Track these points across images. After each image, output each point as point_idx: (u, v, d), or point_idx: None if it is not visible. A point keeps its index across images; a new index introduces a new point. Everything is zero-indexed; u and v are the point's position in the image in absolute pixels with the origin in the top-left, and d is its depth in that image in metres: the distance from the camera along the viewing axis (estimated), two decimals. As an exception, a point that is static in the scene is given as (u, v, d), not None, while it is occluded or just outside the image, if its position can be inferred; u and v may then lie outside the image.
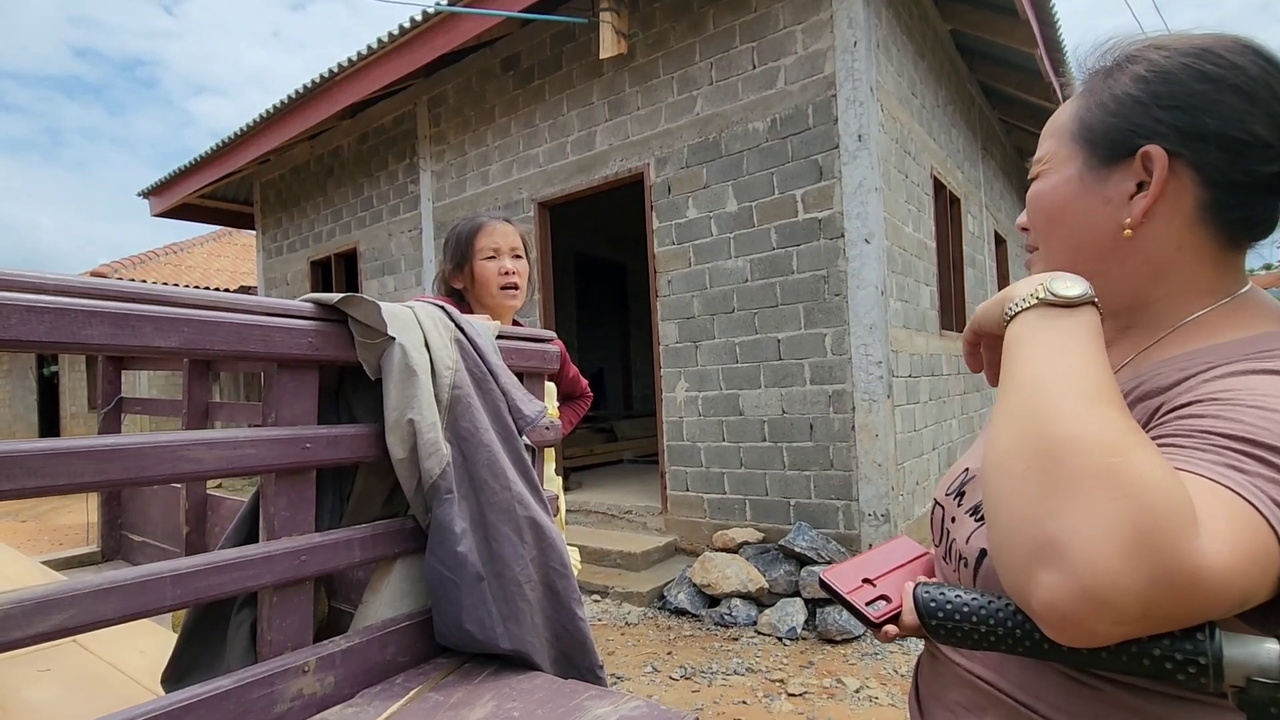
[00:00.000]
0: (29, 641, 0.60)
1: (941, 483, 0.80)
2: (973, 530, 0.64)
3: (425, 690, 0.84)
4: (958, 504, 0.71)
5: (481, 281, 1.71)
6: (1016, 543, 0.45)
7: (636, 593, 4.00)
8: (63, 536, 6.84)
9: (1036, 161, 0.68)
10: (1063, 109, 0.68)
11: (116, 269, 11.82)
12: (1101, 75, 0.65)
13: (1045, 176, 0.66)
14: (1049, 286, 0.53)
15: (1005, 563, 0.46)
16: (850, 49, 3.93)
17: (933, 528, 0.78)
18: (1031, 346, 0.52)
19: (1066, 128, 0.66)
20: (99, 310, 0.64)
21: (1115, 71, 0.64)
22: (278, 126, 6.80)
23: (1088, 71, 0.68)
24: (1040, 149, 0.68)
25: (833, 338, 4.02)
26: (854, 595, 0.69)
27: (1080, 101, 0.66)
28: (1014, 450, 0.48)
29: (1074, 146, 0.64)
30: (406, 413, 0.87)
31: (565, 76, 5.29)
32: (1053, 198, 0.66)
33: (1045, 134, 0.69)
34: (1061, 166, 0.65)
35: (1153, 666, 0.44)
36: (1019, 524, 0.45)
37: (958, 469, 0.78)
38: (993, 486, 0.49)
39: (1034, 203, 0.67)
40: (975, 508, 0.67)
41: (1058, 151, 0.66)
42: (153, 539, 1.65)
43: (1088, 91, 0.65)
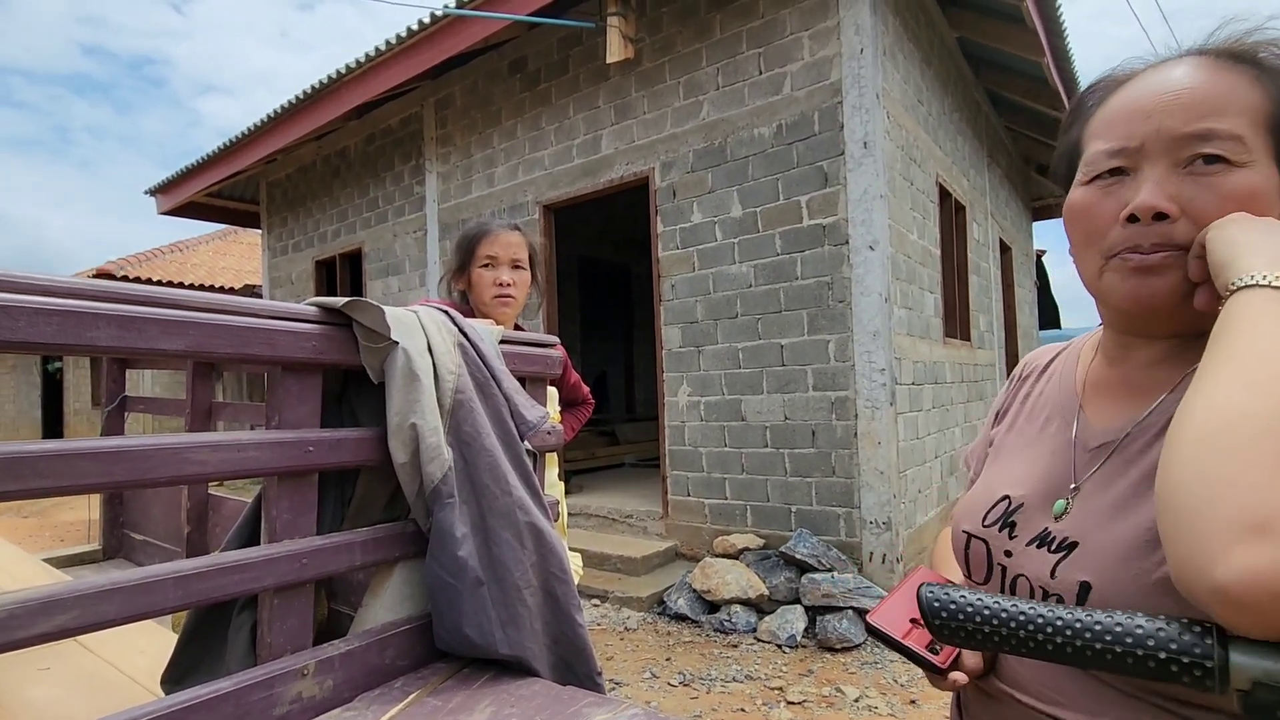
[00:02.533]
0: (33, 641, 0.60)
1: (968, 512, 0.74)
2: (1056, 563, 0.60)
3: (424, 695, 0.84)
4: (1009, 537, 0.67)
5: (476, 288, 1.73)
6: (1224, 507, 0.41)
7: (636, 597, 4.00)
8: (64, 533, 6.86)
9: (1233, 140, 0.54)
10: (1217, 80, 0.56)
11: (122, 266, 11.86)
12: (1269, 58, 0.57)
13: (1253, 169, 0.55)
14: None
15: (1198, 525, 0.42)
16: (857, 56, 3.94)
17: (966, 561, 0.73)
18: (1272, 320, 0.46)
19: (1261, 115, 0.55)
20: (106, 313, 0.64)
21: (1268, 58, 0.57)
22: (285, 126, 6.82)
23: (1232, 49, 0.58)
24: (1224, 122, 0.55)
25: (836, 344, 4.02)
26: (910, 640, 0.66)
27: (1263, 88, 0.56)
28: (1249, 415, 0.43)
29: (1268, 144, 0.55)
30: (409, 417, 0.87)
31: (572, 80, 5.31)
32: (1263, 200, 0.55)
33: (1212, 102, 0.55)
34: (1266, 163, 0.55)
35: (1159, 669, 0.44)
36: (1234, 489, 0.41)
37: (989, 496, 0.72)
38: (1209, 444, 0.43)
39: (1245, 196, 0.54)
40: (1043, 539, 0.63)
41: (1254, 139, 0.55)
42: (154, 538, 1.65)
43: (1261, 76, 0.56)
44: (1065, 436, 0.69)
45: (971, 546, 0.72)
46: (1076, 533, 0.61)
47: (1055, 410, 0.73)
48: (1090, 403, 0.69)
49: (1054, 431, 0.71)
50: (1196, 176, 0.55)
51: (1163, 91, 0.58)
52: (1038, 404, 0.77)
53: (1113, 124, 0.60)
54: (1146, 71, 0.61)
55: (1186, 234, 0.56)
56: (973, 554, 0.72)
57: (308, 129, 6.61)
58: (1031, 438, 0.74)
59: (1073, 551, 0.60)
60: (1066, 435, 0.69)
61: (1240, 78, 0.56)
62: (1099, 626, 0.46)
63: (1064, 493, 0.65)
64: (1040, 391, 0.78)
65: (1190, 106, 0.56)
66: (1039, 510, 0.66)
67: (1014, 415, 0.80)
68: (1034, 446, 0.73)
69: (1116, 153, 0.59)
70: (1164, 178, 0.56)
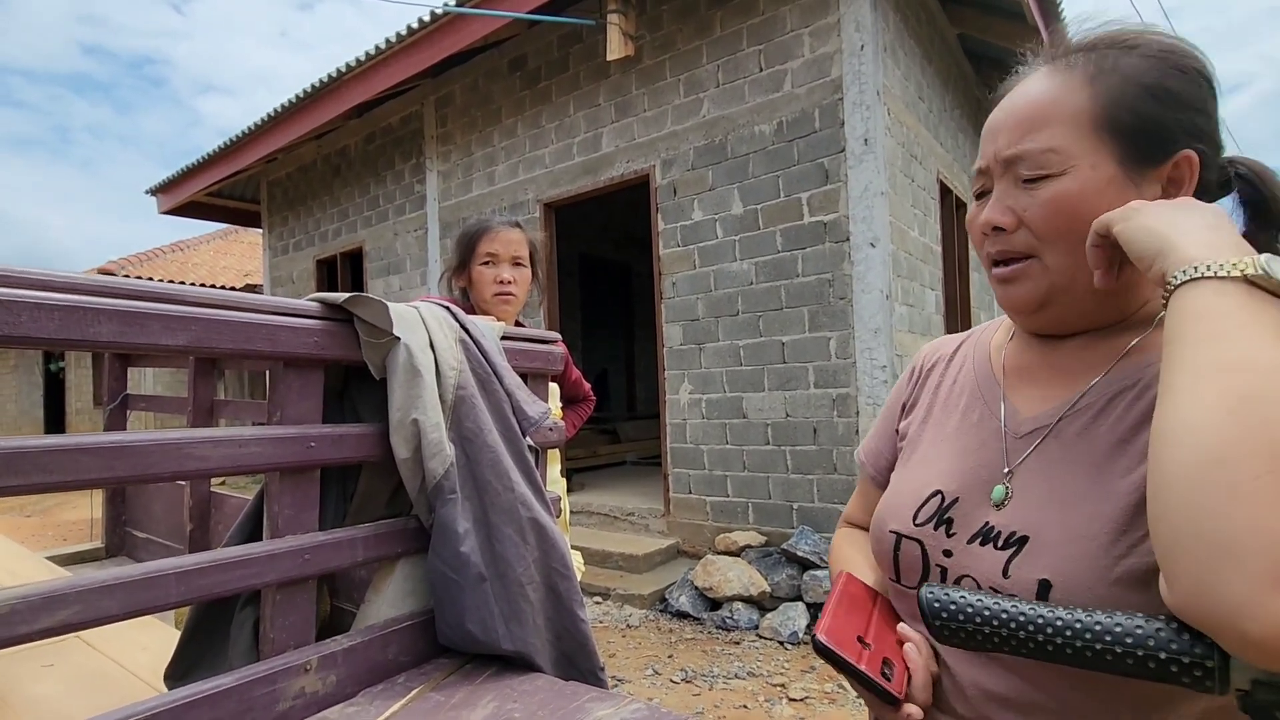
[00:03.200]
0: (35, 636, 0.60)
1: (893, 511, 0.71)
2: (1009, 560, 0.58)
3: (426, 690, 0.84)
4: (947, 535, 0.65)
5: (476, 285, 1.73)
6: (1246, 556, 0.39)
7: (638, 595, 4.00)
8: (67, 532, 6.87)
9: (1046, 151, 0.58)
10: (1049, 91, 0.60)
11: (123, 266, 11.87)
12: (1099, 58, 0.59)
13: (1072, 175, 0.58)
14: (1268, 267, 0.45)
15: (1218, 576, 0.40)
16: (857, 53, 3.93)
17: (896, 564, 0.69)
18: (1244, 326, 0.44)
19: (1083, 115, 0.58)
20: (107, 308, 0.64)
21: (1116, 57, 0.59)
22: (285, 126, 6.82)
23: (1065, 53, 0.62)
24: (1037, 137, 0.59)
25: (837, 341, 4.01)
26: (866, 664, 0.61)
27: (1092, 88, 0.58)
28: (1242, 445, 0.40)
29: (1099, 139, 0.58)
30: (411, 413, 0.87)
31: (572, 78, 5.30)
32: (1088, 200, 0.57)
33: (1035, 119, 0.60)
34: (1093, 163, 0.57)
35: (1159, 669, 0.44)
36: (1252, 536, 0.39)
37: (917, 493, 0.69)
38: (1207, 482, 0.41)
39: (1060, 203, 0.58)
40: (986, 535, 0.61)
41: (1077, 145, 0.58)
42: (156, 536, 1.65)
43: (1095, 77, 0.59)
44: (993, 425, 0.68)
45: (902, 548, 0.68)
46: (1025, 526, 0.59)
47: (975, 398, 0.72)
48: (1014, 389, 0.69)
49: (978, 420, 0.70)
50: (1028, 190, 0.60)
51: (1000, 114, 0.64)
52: (952, 393, 0.75)
53: (980, 146, 0.66)
54: (1004, 94, 0.66)
55: (1025, 242, 0.61)
56: (904, 556, 0.68)
57: (308, 128, 6.61)
58: (953, 429, 0.72)
59: (1024, 547, 0.58)
60: (993, 423, 0.68)
61: (1072, 81, 0.60)
62: (1099, 627, 0.46)
63: (998, 480, 0.64)
64: (954, 380, 0.76)
65: (1014, 128, 0.61)
66: (976, 504, 0.64)
67: (925, 407, 0.78)
68: (959, 438, 0.70)
69: (980, 173, 0.66)
70: (1006, 192, 0.62)
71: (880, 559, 0.72)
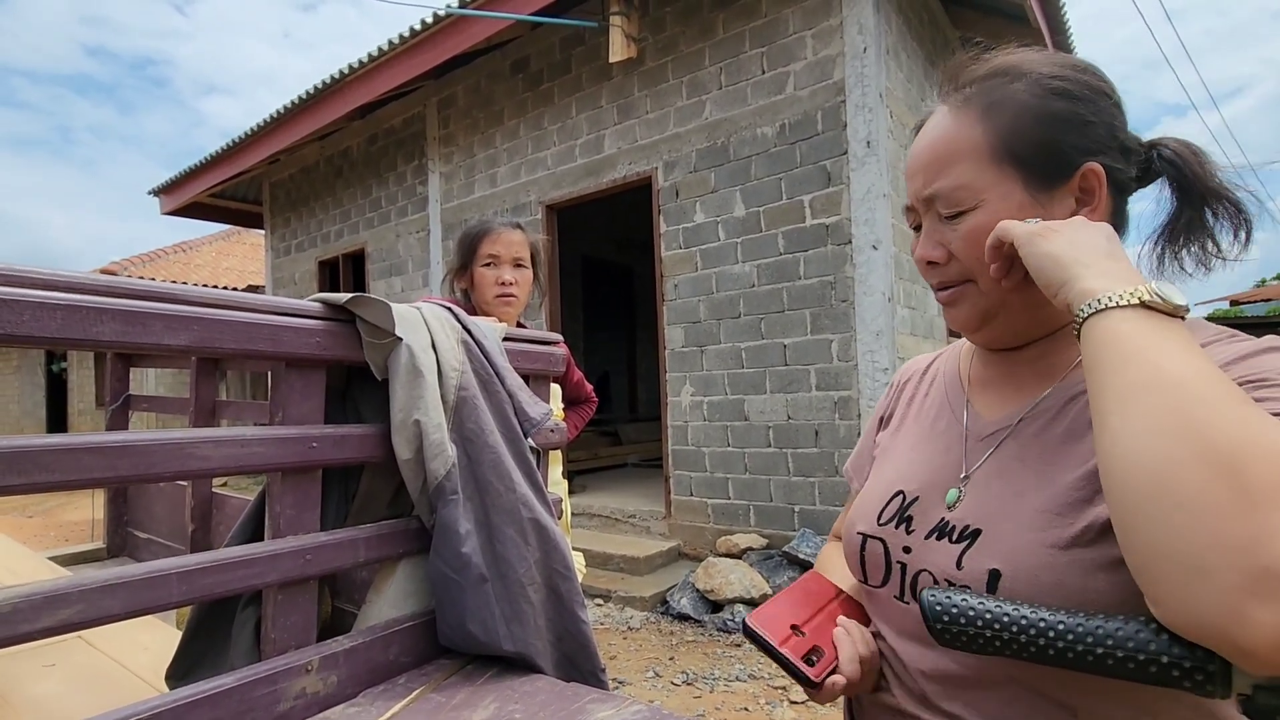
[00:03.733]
0: (36, 635, 0.60)
1: (861, 514, 0.74)
2: (961, 553, 0.61)
3: (427, 691, 0.84)
4: (907, 532, 0.67)
5: (478, 287, 1.73)
6: (1217, 573, 0.39)
7: (639, 597, 3.99)
8: (69, 533, 6.88)
9: (956, 189, 0.62)
10: (949, 131, 0.63)
11: (126, 266, 11.89)
12: (987, 92, 0.63)
13: (984, 208, 0.61)
14: (1160, 292, 0.49)
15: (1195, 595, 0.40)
16: (860, 55, 3.93)
17: (863, 564, 0.72)
18: (1151, 346, 0.47)
19: (982, 150, 0.62)
20: (110, 307, 0.64)
21: (1002, 88, 0.62)
22: (288, 127, 6.84)
23: (957, 89, 0.65)
24: (946, 177, 0.63)
25: (839, 344, 4.01)
26: (788, 648, 0.64)
27: (986, 124, 0.62)
28: (1179, 462, 0.42)
29: (1002, 170, 0.61)
30: (413, 413, 0.87)
31: (574, 80, 5.31)
32: (991, 228, 0.60)
33: (942, 159, 0.63)
34: (997, 193, 0.61)
35: (1161, 674, 0.44)
36: (1217, 552, 0.39)
37: (882, 494, 0.73)
38: (1151, 506, 0.43)
39: (974, 237, 0.62)
40: (942, 529, 0.64)
41: (980, 177, 0.61)
42: (158, 536, 1.65)
43: (987, 111, 0.62)
44: (956, 430, 0.71)
45: (868, 547, 0.71)
46: (977, 520, 0.62)
47: (944, 407, 0.75)
48: (978, 397, 0.72)
49: (944, 427, 0.73)
50: (950, 225, 0.64)
51: (913, 156, 0.67)
52: (924, 405, 0.79)
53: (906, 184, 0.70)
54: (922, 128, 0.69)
55: (958, 270, 0.65)
56: (869, 555, 0.71)
57: (310, 129, 6.63)
58: (921, 436, 0.75)
59: (977, 540, 0.60)
60: (957, 429, 0.71)
61: (966, 119, 0.63)
62: (1100, 631, 0.46)
63: (955, 482, 0.67)
64: (925, 393, 0.80)
65: (925, 168, 0.65)
66: (934, 502, 0.67)
67: (899, 418, 0.82)
68: (926, 443, 0.74)
69: (907, 210, 0.70)
70: (933, 228, 0.66)
71: (850, 561, 0.75)
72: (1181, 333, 0.48)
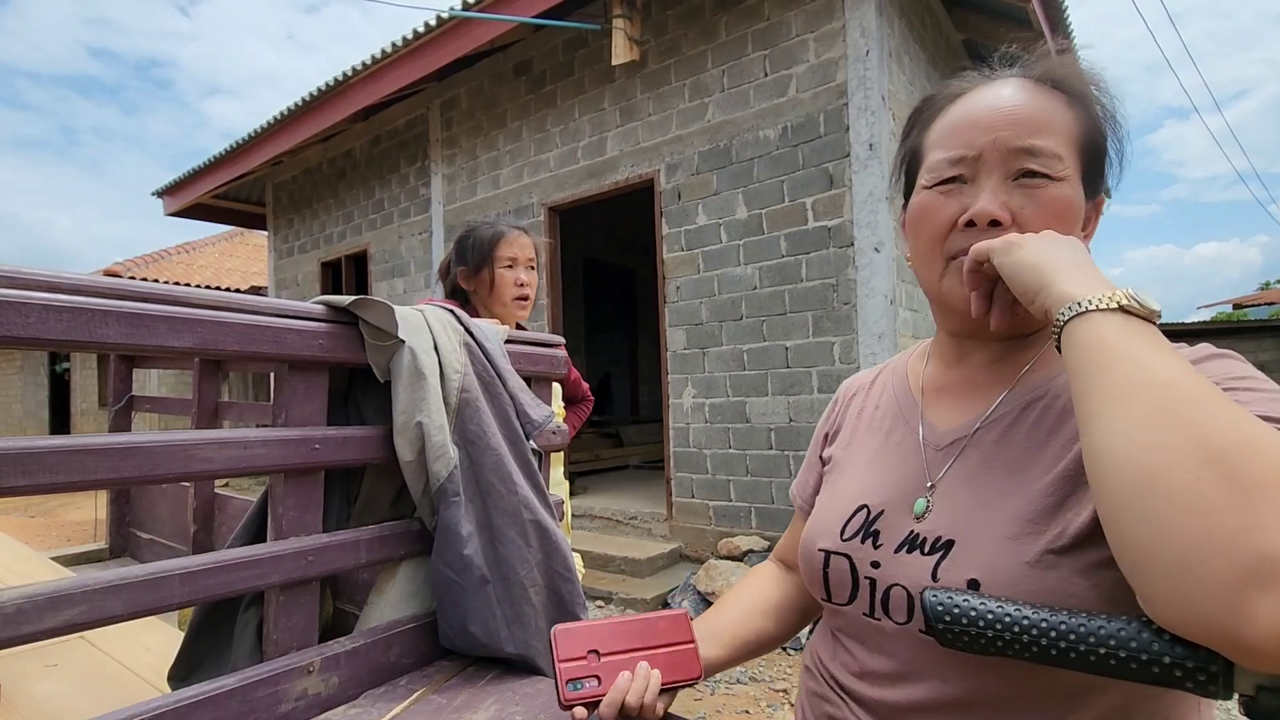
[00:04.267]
0: (41, 636, 0.60)
1: (821, 530, 0.72)
2: (935, 565, 0.59)
3: (428, 693, 0.84)
4: (874, 546, 0.66)
5: (497, 289, 1.75)
6: (1211, 566, 0.39)
7: (640, 599, 3.99)
8: (71, 533, 6.89)
9: (1054, 157, 0.60)
10: (1044, 101, 0.62)
11: (129, 268, 11.92)
12: (1073, 85, 0.63)
13: (1070, 184, 0.61)
14: (1137, 297, 0.50)
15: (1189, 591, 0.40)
16: (862, 58, 3.94)
17: (826, 582, 0.69)
18: (1135, 349, 0.47)
19: (1074, 136, 0.61)
20: (115, 310, 0.64)
21: (1085, 89, 0.63)
22: (291, 128, 6.85)
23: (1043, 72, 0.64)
24: (1047, 139, 0.60)
25: (841, 346, 4.01)
26: (564, 665, 0.64)
27: (1073, 112, 0.62)
28: (1170, 458, 0.42)
29: (1078, 163, 0.62)
30: (415, 415, 0.88)
31: (577, 82, 5.32)
32: (1075, 212, 0.61)
33: (1041, 121, 0.61)
34: (1075, 180, 0.61)
35: (1163, 675, 0.44)
36: (1210, 544, 0.39)
37: (843, 509, 0.71)
38: (1142, 503, 0.42)
39: (1061, 207, 0.60)
40: (912, 542, 0.62)
41: (1070, 160, 0.61)
42: (160, 537, 1.66)
43: (1073, 103, 0.63)
44: (913, 440, 0.70)
45: (832, 564, 0.69)
46: (949, 530, 0.61)
47: (897, 419, 0.74)
48: (931, 406, 0.72)
49: (899, 439, 0.72)
50: (1024, 188, 0.60)
51: (998, 107, 0.62)
52: (875, 417, 0.78)
53: (954, 134, 0.64)
54: (981, 87, 0.65)
55: None
56: (833, 572, 0.69)
57: (313, 131, 6.64)
58: (876, 449, 0.74)
59: (951, 550, 0.59)
60: (914, 439, 0.70)
61: (1056, 102, 0.62)
62: (1103, 632, 0.46)
63: (921, 493, 0.66)
64: (876, 405, 0.79)
65: (1021, 122, 0.61)
66: (900, 515, 0.66)
67: (849, 432, 0.81)
68: (882, 456, 0.73)
69: (957, 161, 0.63)
70: (998, 187, 0.61)
71: (810, 579, 0.73)
72: (1160, 336, 0.49)
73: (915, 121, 0.72)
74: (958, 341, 0.72)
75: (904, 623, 0.61)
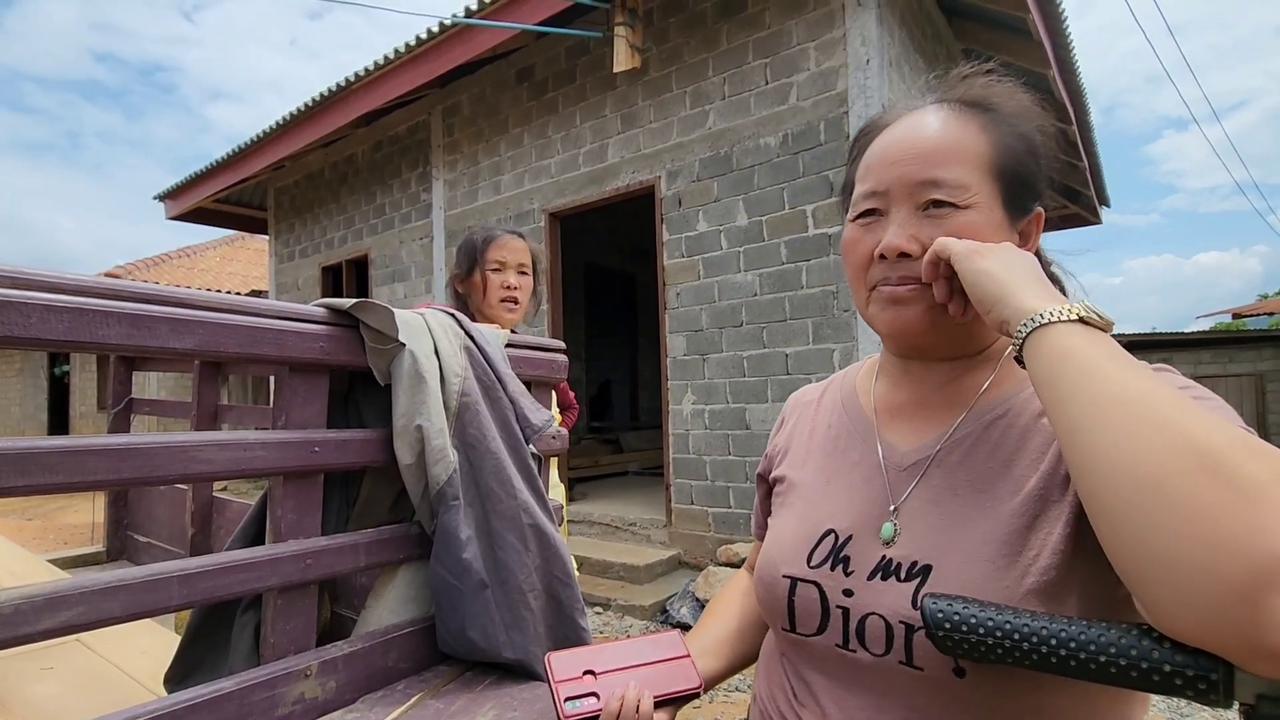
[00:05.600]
0: (37, 637, 0.60)
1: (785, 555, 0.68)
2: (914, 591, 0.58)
3: (426, 697, 0.84)
4: (845, 574, 0.63)
5: (484, 291, 1.77)
6: (1222, 570, 0.38)
7: (639, 606, 3.98)
8: (68, 536, 6.87)
9: (959, 186, 0.61)
10: (955, 129, 0.63)
11: (130, 271, 11.93)
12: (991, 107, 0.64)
13: (978, 210, 0.61)
14: (1092, 308, 0.51)
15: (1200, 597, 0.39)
16: (863, 67, 3.95)
17: (790, 611, 0.66)
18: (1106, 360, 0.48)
19: (985, 161, 0.62)
20: (116, 311, 0.65)
21: (1004, 108, 0.64)
22: (293, 133, 6.87)
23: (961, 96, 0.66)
24: (951, 170, 0.61)
25: (841, 354, 4.01)
26: (561, 685, 0.65)
27: (988, 135, 0.62)
28: (1165, 466, 0.41)
29: (992, 184, 0.62)
30: (415, 419, 0.88)
31: (579, 89, 5.34)
32: (986, 238, 0.60)
33: (946, 152, 0.62)
34: (989, 204, 0.62)
35: (1164, 683, 0.44)
36: (1219, 548, 0.38)
37: (809, 535, 0.68)
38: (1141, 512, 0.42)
39: (967, 234, 0.60)
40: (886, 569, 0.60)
41: (978, 184, 0.61)
42: (158, 540, 1.65)
43: (989, 125, 0.63)
44: (873, 461, 0.69)
45: (798, 593, 0.65)
46: (923, 555, 0.59)
47: (853, 439, 0.73)
48: (887, 426, 0.71)
49: (859, 459, 0.71)
50: (932, 218, 0.62)
51: (907, 141, 0.64)
52: (828, 436, 0.76)
53: (870, 170, 0.66)
54: (901, 119, 0.67)
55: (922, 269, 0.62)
56: (800, 601, 0.65)
57: (316, 136, 6.65)
58: (834, 470, 0.72)
59: (929, 575, 0.58)
60: (874, 460, 0.69)
61: (970, 126, 0.63)
62: (1103, 639, 0.46)
63: (885, 516, 0.64)
64: (828, 425, 0.77)
65: (925, 155, 0.62)
66: (869, 540, 0.64)
67: (801, 452, 0.78)
68: (842, 477, 0.71)
69: (870, 195, 0.66)
70: (906, 220, 0.63)
71: (770, 608, 0.69)
72: (1119, 346, 0.50)
73: (852, 151, 0.73)
74: (904, 363, 0.71)
75: (882, 654, 0.58)
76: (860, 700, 0.61)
